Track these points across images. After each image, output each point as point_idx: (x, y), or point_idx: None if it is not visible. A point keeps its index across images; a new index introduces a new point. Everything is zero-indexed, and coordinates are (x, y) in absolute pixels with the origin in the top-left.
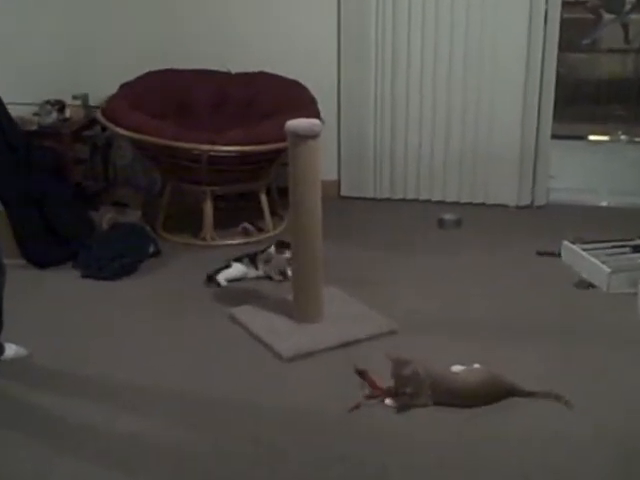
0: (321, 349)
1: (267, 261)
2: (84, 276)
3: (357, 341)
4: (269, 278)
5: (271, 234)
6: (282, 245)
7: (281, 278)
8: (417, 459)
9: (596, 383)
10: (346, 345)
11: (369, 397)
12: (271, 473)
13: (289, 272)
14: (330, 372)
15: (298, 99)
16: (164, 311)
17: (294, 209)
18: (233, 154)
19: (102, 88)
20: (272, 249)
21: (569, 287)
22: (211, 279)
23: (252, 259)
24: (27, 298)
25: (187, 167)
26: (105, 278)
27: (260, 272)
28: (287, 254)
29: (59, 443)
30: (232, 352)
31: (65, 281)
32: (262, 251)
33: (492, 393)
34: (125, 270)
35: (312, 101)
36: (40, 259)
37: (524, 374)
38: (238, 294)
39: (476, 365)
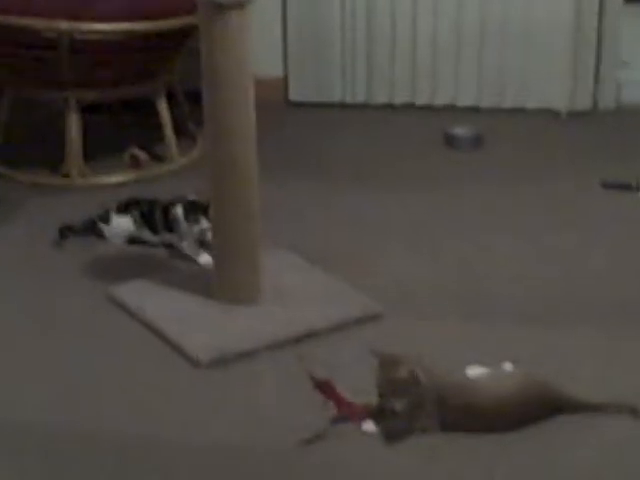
0: (260, 347)
1: (172, 230)
2: None
3: (318, 332)
4: (175, 250)
5: (176, 166)
6: (194, 209)
7: (200, 255)
8: None
9: None
10: (301, 339)
11: (336, 419)
12: None
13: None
14: (275, 384)
15: None
16: (4, 292)
17: (212, 126)
18: (110, 36)
19: None
20: (179, 211)
21: None
22: (64, 234)
23: (147, 215)
24: None
25: (37, 60)
26: None
27: (157, 239)
28: (204, 224)
29: None
30: (114, 356)
31: None
32: (165, 207)
33: (533, 408)
34: None
35: None
36: None
37: (582, 377)
38: (123, 263)
39: (506, 365)
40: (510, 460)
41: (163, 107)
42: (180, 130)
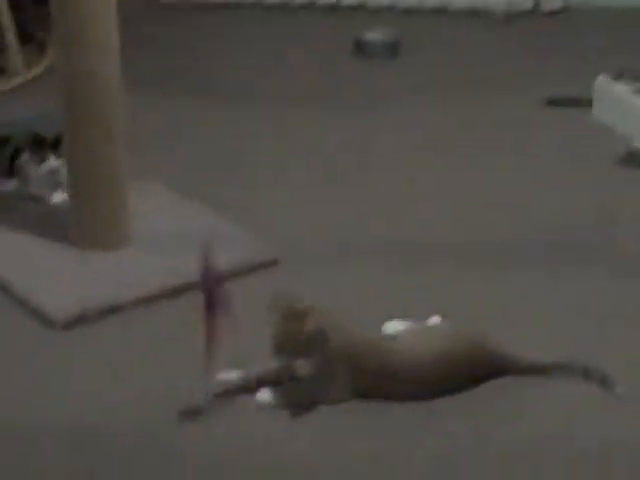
0: (128, 301)
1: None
2: None
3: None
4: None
5: (20, 81)
6: (40, 145)
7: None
8: None
9: None
10: (177, 291)
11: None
12: None
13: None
14: (146, 346)
15: None
16: None
17: (63, 30)
18: None
19: None
20: (24, 157)
21: (609, 165)
22: None
23: None
24: None
25: None
26: None
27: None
28: (53, 161)
29: None
30: None
31: None
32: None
33: (466, 370)
34: None
35: None
36: None
37: (526, 333)
38: None
39: (433, 319)
40: (434, 434)
41: (2, 5)
42: (25, 36)
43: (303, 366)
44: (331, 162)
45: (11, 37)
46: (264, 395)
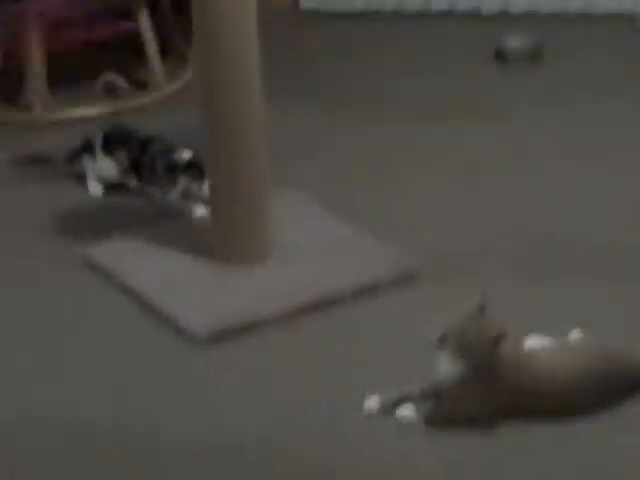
0: (270, 317)
1: (166, 184)
2: None
3: (340, 298)
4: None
5: (162, 94)
6: (191, 170)
7: (194, 208)
8: None
9: None
10: (319, 307)
11: None
12: None
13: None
14: (289, 362)
15: None
16: None
17: (204, 43)
18: None
19: None
20: (180, 162)
21: None
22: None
23: (134, 158)
24: None
25: None
26: None
27: (140, 188)
28: (204, 187)
29: None
30: (93, 333)
31: None
32: (159, 154)
33: (609, 386)
34: None
35: None
36: None
37: None
38: (99, 216)
39: (574, 333)
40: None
41: (144, 20)
42: (166, 49)
43: (447, 381)
44: (471, 168)
45: (152, 49)
46: (406, 411)
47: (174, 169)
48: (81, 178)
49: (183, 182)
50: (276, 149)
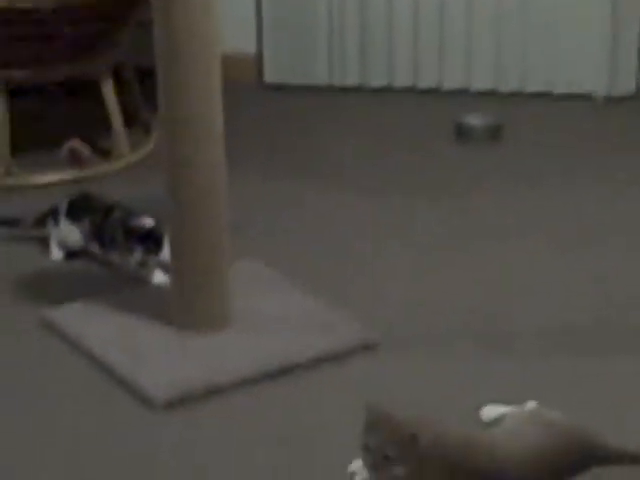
0: (229, 384)
1: (124, 251)
2: None
3: (299, 366)
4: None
5: (126, 162)
6: (149, 239)
7: (152, 273)
8: None
9: None
10: (278, 374)
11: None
12: None
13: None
14: (248, 429)
15: None
16: None
17: (169, 114)
18: (38, 4)
19: None
20: (138, 230)
21: None
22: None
23: (97, 225)
24: None
25: None
26: None
27: (102, 255)
28: (163, 255)
29: None
30: (49, 397)
31: None
32: (119, 221)
33: (564, 459)
34: None
35: None
36: None
37: (624, 421)
38: (60, 280)
39: (529, 405)
40: None
41: (109, 90)
42: (130, 118)
43: (398, 469)
44: (429, 246)
45: (117, 118)
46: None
47: (131, 237)
48: (46, 242)
49: (139, 251)
50: (238, 219)
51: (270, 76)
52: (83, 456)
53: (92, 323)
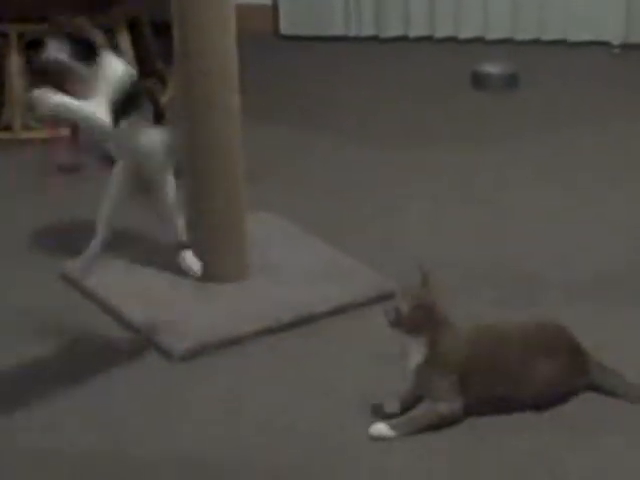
0: (246, 334)
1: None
2: None
3: (317, 317)
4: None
5: None
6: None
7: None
8: None
9: None
10: (296, 324)
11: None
12: None
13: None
14: (263, 378)
15: None
16: None
17: (185, 64)
18: None
19: None
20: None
21: None
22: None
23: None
24: None
25: None
26: None
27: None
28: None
29: None
30: (68, 350)
31: None
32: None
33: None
34: None
35: None
36: None
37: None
38: (78, 233)
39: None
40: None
41: (124, 42)
42: (146, 70)
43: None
44: (448, 196)
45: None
46: (379, 427)
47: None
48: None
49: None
50: (255, 169)
51: (285, 27)
52: (102, 404)
53: (112, 276)
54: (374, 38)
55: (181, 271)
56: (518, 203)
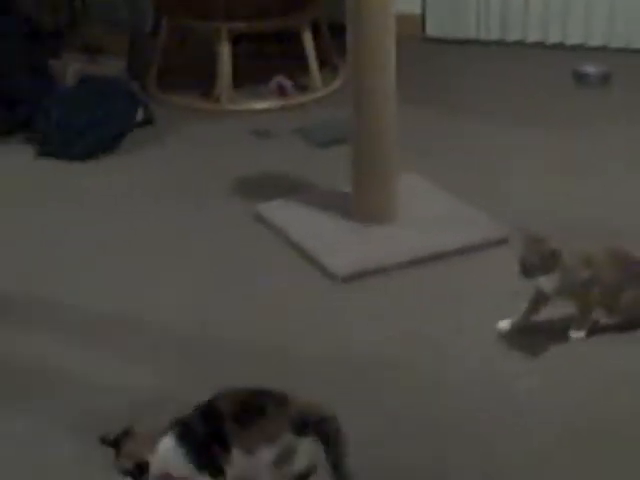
0: (394, 264)
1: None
2: (42, 154)
3: (446, 254)
4: None
5: (320, 94)
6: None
7: None
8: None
9: None
10: (431, 259)
11: None
12: None
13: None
14: (408, 299)
15: None
16: (160, 207)
17: (355, 58)
18: None
19: None
20: (287, 438)
21: None
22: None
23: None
24: None
25: None
26: (72, 157)
27: None
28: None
29: (8, 396)
30: (258, 270)
31: (12, 161)
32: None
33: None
34: (101, 146)
35: None
36: None
37: None
38: (268, 184)
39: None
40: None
41: (308, 39)
42: (323, 61)
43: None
44: (550, 169)
45: (313, 61)
46: (504, 323)
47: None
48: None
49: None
50: (406, 143)
51: (431, 31)
52: (280, 313)
53: (292, 216)
54: (499, 42)
55: (344, 213)
56: (606, 173)
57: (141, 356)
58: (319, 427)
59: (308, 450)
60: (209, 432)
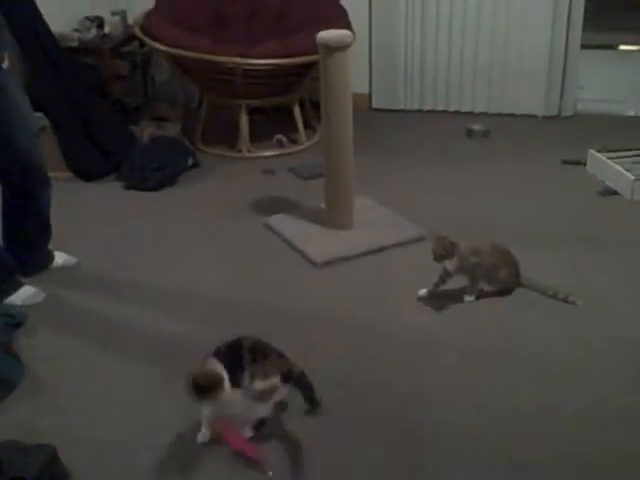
0: (353, 255)
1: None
2: (127, 187)
3: (386, 247)
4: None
5: (304, 146)
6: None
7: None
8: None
9: (615, 286)
10: (376, 251)
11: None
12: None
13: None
14: (361, 277)
15: (330, 11)
16: (204, 220)
17: (326, 121)
18: (266, 67)
19: (139, 4)
20: (276, 380)
21: (593, 195)
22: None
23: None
24: (74, 209)
25: (223, 80)
26: (147, 189)
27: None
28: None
29: (107, 342)
30: (268, 258)
31: (109, 192)
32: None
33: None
34: (166, 181)
35: (343, 13)
36: (85, 171)
37: (547, 277)
38: (272, 203)
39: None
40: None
41: (296, 110)
42: (306, 124)
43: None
44: (453, 190)
45: (300, 125)
46: (422, 291)
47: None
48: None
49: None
50: (360, 177)
51: (375, 104)
52: (274, 285)
53: (288, 224)
54: (419, 110)
55: (321, 222)
56: (487, 198)
57: (195, 316)
58: (299, 379)
59: (284, 393)
60: (234, 355)
